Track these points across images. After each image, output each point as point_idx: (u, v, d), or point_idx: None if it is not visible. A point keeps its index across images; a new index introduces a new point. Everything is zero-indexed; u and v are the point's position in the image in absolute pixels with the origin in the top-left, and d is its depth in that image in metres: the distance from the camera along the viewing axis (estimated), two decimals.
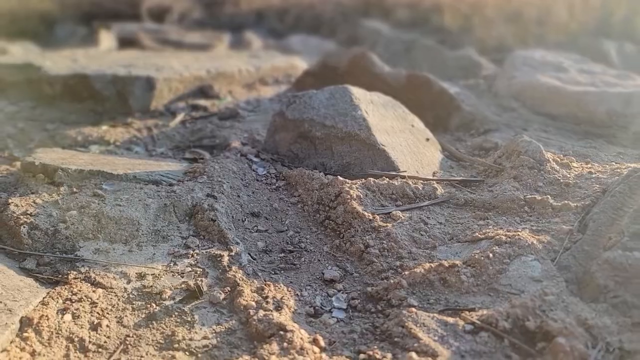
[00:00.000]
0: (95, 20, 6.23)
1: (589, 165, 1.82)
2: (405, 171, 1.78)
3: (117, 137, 2.21)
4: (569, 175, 1.72)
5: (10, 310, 1.00)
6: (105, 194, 1.50)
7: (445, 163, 1.97)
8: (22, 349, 0.97)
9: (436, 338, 1.09)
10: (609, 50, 3.78)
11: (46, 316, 1.05)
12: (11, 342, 0.96)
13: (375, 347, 1.09)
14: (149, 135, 2.26)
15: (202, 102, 2.65)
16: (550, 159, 1.79)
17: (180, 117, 2.45)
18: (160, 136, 2.26)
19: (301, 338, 1.08)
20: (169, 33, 5.31)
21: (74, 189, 1.51)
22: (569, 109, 2.43)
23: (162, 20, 6.91)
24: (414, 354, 1.03)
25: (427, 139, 2.04)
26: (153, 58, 3.02)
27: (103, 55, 3.20)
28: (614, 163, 1.84)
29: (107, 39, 4.64)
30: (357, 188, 1.62)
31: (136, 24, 6.03)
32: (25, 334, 1.00)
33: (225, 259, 1.34)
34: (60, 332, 1.04)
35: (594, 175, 1.71)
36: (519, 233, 1.41)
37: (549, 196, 1.60)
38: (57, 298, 1.12)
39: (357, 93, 1.92)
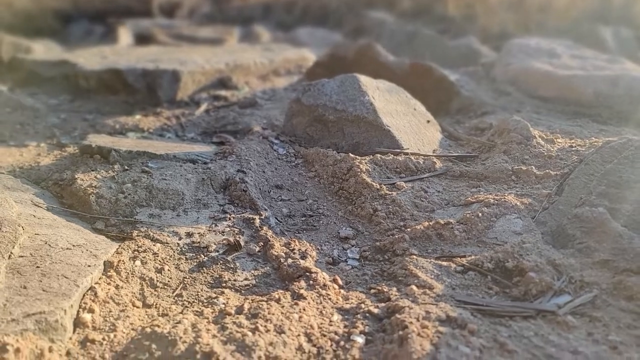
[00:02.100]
0: (109, 18, 6.54)
1: (572, 141, 2.09)
2: (408, 149, 2.05)
3: (150, 125, 2.49)
4: (552, 149, 1.99)
5: (95, 256, 1.29)
6: (151, 170, 1.78)
7: (444, 142, 2.24)
8: (109, 284, 1.26)
9: (432, 276, 1.37)
10: (605, 36, 4.01)
11: (122, 261, 1.33)
12: (100, 279, 1.25)
13: (383, 284, 1.37)
14: (177, 123, 2.55)
15: (223, 92, 2.93)
16: (537, 136, 2.06)
17: (204, 106, 2.73)
18: (188, 124, 2.54)
19: (323, 278, 1.36)
20: (181, 28, 5.59)
21: (126, 167, 1.80)
22: (560, 92, 2.68)
23: (172, 15, 7.19)
24: (414, 287, 1.31)
25: (428, 121, 2.31)
26: (175, 53, 3.30)
27: (128, 51, 3.48)
28: (594, 138, 2.10)
29: (125, 35, 4.93)
30: (366, 163, 1.90)
31: (148, 20, 6.31)
32: (109, 273, 1.28)
33: (257, 221, 1.63)
34: (134, 273, 1.33)
35: (574, 149, 1.98)
36: (505, 197, 1.68)
37: (533, 167, 1.87)
38: (127, 249, 1.41)
39: (365, 80, 2.20)
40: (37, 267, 1.16)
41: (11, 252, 1.17)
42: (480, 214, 1.60)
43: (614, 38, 4.00)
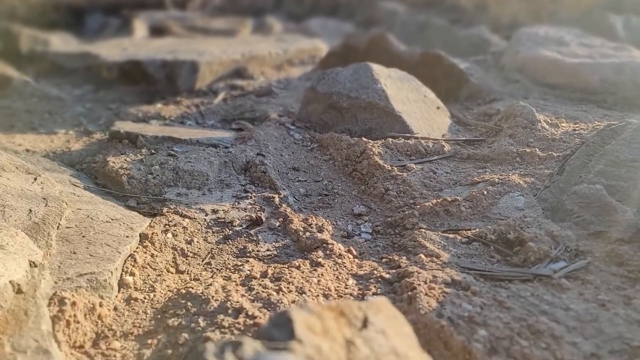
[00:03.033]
0: (123, 10, 6.70)
1: (576, 125, 2.21)
2: (418, 133, 2.18)
3: (171, 113, 2.64)
4: (556, 133, 2.11)
5: (131, 229, 1.44)
6: (177, 154, 1.93)
7: (453, 127, 2.36)
8: (145, 252, 1.41)
9: (439, 247, 1.50)
10: (615, 24, 4.09)
11: (155, 233, 1.49)
12: (137, 248, 1.40)
13: (394, 254, 1.51)
14: (197, 111, 2.70)
15: (239, 82, 3.08)
16: (542, 120, 2.18)
17: (221, 95, 2.88)
18: (207, 112, 2.69)
19: (339, 248, 1.50)
20: (194, 20, 5.73)
21: (152, 151, 1.95)
22: (567, 79, 2.79)
23: (184, 7, 7.34)
24: (422, 255, 1.45)
25: (438, 107, 2.44)
26: (192, 44, 3.45)
27: (146, 43, 3.64)
28: (597, 122, 2.22)
29: (140, 28, 5.08)
30: (378, 146, 2.04)
31: (161, 12, 6.47)
32: (144, 244, 1.44)
33: (277, 199, 1.77)
34: (166, 244, 1.48)
35: (577, 132, 2.10)
36: (510, 176, 1.81)
37: (537, 149, 1.99)
38: (159, 223, 1.56)
39: (377, 69, 2.33)
40: (83, 236, 1.32)
41: (59, 223, 1.32)
42: (485, 192, 1.73)
43: (625, 26, 4.08)
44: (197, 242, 1.53)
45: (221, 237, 1.57)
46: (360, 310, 0.62)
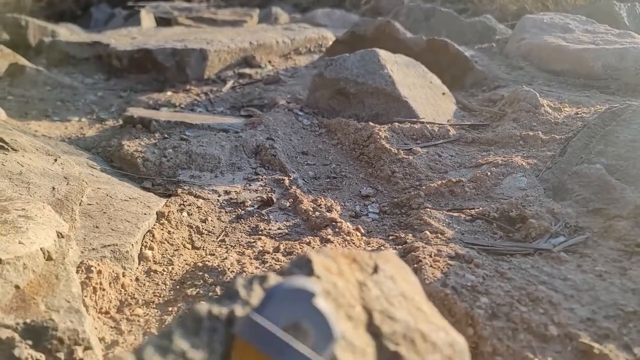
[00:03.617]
0: (129, 1, 6.76)
1: (579, 109, 2.27)
2: (424, 118, 2.25)
3: (181, 101, 2.72)
4: (559, 117, 2.17)
5: (148, 207, 1.52)
6: (189, 138, 2.01)
7: (458, 112, 2.43)
8: (162, 229, 1.48)
9: (444, 224, 1.57)
10: (620, 11, 4.13)
11: (171, 212, 1.56)
12: (154, 225, 1.48)
13: (400, 232, 1.58)
14: (206, 98, 2.77)
15: (247, 70, 3.14)
16: (545, 104, 2.24)
17: (230, 83, 2.95)
18: (216, 99, 2.76)
19: (348, 226, 1.58)
20: (201, 11, 5.80)
21: (165, 135, 2.02)
22: (571, 65, 2.84)
23: None
24: (427, 232, 1.52)
25: (443, 93, 2.50)
26: (200, 34, 3.52)
27: (154, 32, 3.70)
28: (599, 106, 2.27)
29: (147, 18, 5.15)
30: (385, 131, 2.10)
31: (167, 3, 6.53)
32: (161, 221, 1.51)
33: (287, 181, 1.84)
34: (182, 222, 1.56)
35: (579, 116, 2.16)
36: (513, 158, 1.87)
37: (539, 132, 2.05)
38: (174, 203, 1.63)
39: (384, 55, 2.39)
40: (104, 212, 1.39)
41: (81, 201, 1.40)
42: (489, 173, 1.79)
43: (629, 14, 4.12)
44: (211, 220, 1.60)
45: (234, 216, 1.65)
46: (371, 259, 0.69)
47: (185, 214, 1.59)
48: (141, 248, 1.36)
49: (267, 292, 0.49)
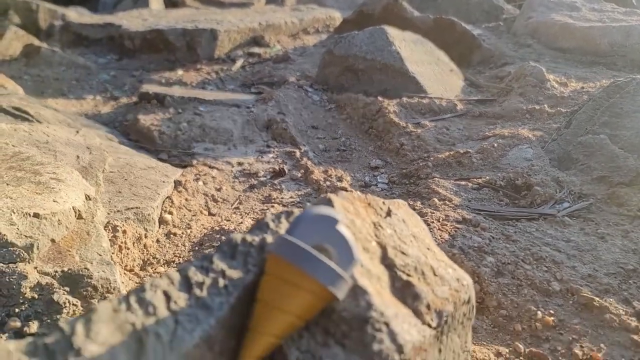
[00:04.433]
0: None
1: (585, 84, 2.30)
2: (431, 93, 2.29)
3: (192, 80, 2.77)
4: (565, 91, 2.21)
5: (166, 176, 1.58)
6: (202, 113, 2.07)
7: (466, 89, 2.47)
8: (180, 196, 1.55)
9: (451, 192, 1.63)
10: None
11: (188, 181, 1.63)
12: (172, 193, 1.55)
13: (409, 200, 1.64)
14: (217, 77, 2.82)
15: (257, 50, 3.19)
16: (551, 79, 2.28)
17: (240, 62, 3.00)
18: (227, 78, 2.81)
19: (358, 195, 1.63)
20: None
21: (179, 110, 2.08)
22: (577, 43, 2.87)
23: None
24: (435, 199, 1.57)
25: (451, 70, 2.54)
26: (209, 14, 3.56)
27: (165, 14, 3.75)
28: (605, 81, 2.31)
29: (156, 1, 5.18)
30: (393, 105, 2.15)
31: None
32: (178, 189, 1.58)
33: (298, 153, 1.90)
34: (198, 190, 1.62)
35: (585, 90, 2.20)
36: (519, 130, 1.92)
37: (546, 105, 2.10)
38: (190, 173, 1.70)
39: (392, 32, 2.43)
40: (125, 179, 1.46)
41: (104, 168, 1.47)
42: (495, 145, 1.84)
43: None
44: (226, 189, 1.67)
45: (247, 186, 1.71)
46: (384, 204, 0.75)
47: (200, 182, 1.66)
48: (161, 213, 1.43)
49: (296, 218, 0.55)
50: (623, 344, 0.98)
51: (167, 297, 0.52)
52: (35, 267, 0.91)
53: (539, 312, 1.07)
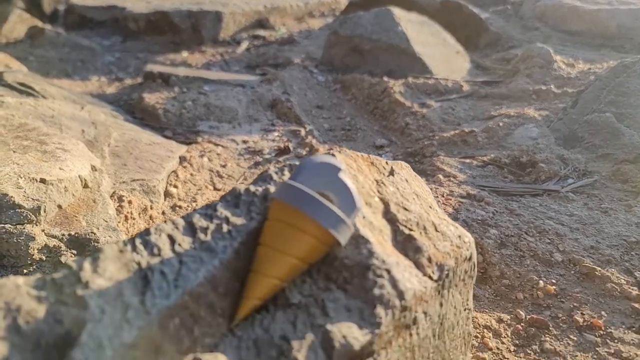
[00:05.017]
0: None
1: (592, 66, 2.30)
2: (437, 74, 2.29)
3: (197, 61, 2.78)
4: (572, 72, 2.21)
5: (171, 151, 1.60)
6: (207, 92, 2.08)
7: (472, 70, 2.47)
8: (185, 172, 1.57)
9: (456, 170, 1.64)
10: None
11: (193, 157, 1.64)
12: (177, 168, 1.56)
13: None
14: (222, 59, 2.83)
15: (262, 32, 3.19)
16: (558, 60, 2.28)
17: (245, 44, 3.00)
18: (232, 60, 2.82)
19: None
20: None
21: (184, 89, 2.10)
22: (585, 26, 2.86)
23: None
24: (440, 176, 1.58)
25: (457, 52, 2.54)
26: None
27: None
28: (612, 63, 2.31)
29: None
30: (399, 86, 2.16)
31: None
32: (184, 165, 1.59)
33: (302, 132, 1.91)
34: (203, 166, 1.64)
35: (592, 71, 2.19)
36: (525, 110, 1.92)
37: (552, 86, 2.10)
38: (195, 149, 1.72)
39: (398, 13, 2.43)
40: (131, 153, 1.48)
41: (109, 142, 1.48)
42: (501, 124, 1.85)
43: None
44: (231, 166, 1.68)
45: (252, 163, 1.72)
46: (387, 164, 0.76)
47: (206, 159, 1.67)
48: (166, 186, 1.44)
49: (299, 165, 0.56)
50: (623, 311, 0.99)
51: (172, 240, 0.53)
52: (43, 230, 0.92)
53: (540, 282, 1.08)
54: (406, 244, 0.65)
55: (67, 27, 3.37)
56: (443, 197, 1.42)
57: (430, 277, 0.63)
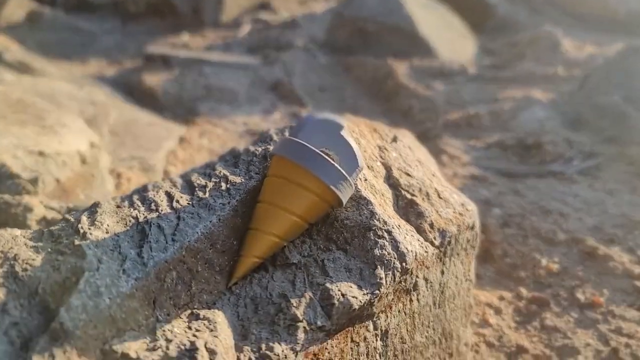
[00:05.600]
0: None
1: (600, 49, 2.29)
2: (443, 57, 2.29)
3: (198, 44, 2.77)
4: (579, 56, 2.20)
5: (170, 132, 1.60)
6: (207, 73, 2.08)
7: (479, 54, 2.46)
8: (184, 152, 1.57)
9: (460, 151, 1.64)
10: None
11: (192, 137, 1.64)
12: (176, 148, 1.56)
13: None
14: (223, 42, 2.82)
15: (264, 15, 3.18)
16: (566, 44, 2.27)
17: (246, 28, 3.00)
18: (233, 43, 2.81)
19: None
20: None
21: (185, 71, 2.09)
22: (595, 10, 2.85)
23: None
24: (445, 157, 1.58)
25: (464, 35, 2.53)
26: None
27: None
28: (620, 45, 2.29)
29: None
30: (403, 68, 2.15)
31: None
32: (183, 145, 1.60)
33: (304, 113, 1.91)
34: (202, 146, 1.64)
35: (600, 54, 2.18)
36: (531, 93, 1.92)
37: (559, 69, 2.09)
38: (195, 130, 1.72)
39: None
40: (129, 132, 1.48)
41: (108, 121, 1.49)
42: (506, 106, 1.85)
43: None
44: (230, 147, 1.68)
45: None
46: (390, 131, 0.76)
47: (205, 139, 1.68)
48: (165, 165, 1.45)
49: (300, 122, 0.57)
50: (625, 289, 1.00)
51: (170, 197, 0.54)
52: (41, 202, 0.93)
53: (543, 260, 1.08)
54: (408, 209, 0.65)
55: (67, 10, 3.37)
56: (447, 178, 1.42)
57: (432, 243, 0.64)
